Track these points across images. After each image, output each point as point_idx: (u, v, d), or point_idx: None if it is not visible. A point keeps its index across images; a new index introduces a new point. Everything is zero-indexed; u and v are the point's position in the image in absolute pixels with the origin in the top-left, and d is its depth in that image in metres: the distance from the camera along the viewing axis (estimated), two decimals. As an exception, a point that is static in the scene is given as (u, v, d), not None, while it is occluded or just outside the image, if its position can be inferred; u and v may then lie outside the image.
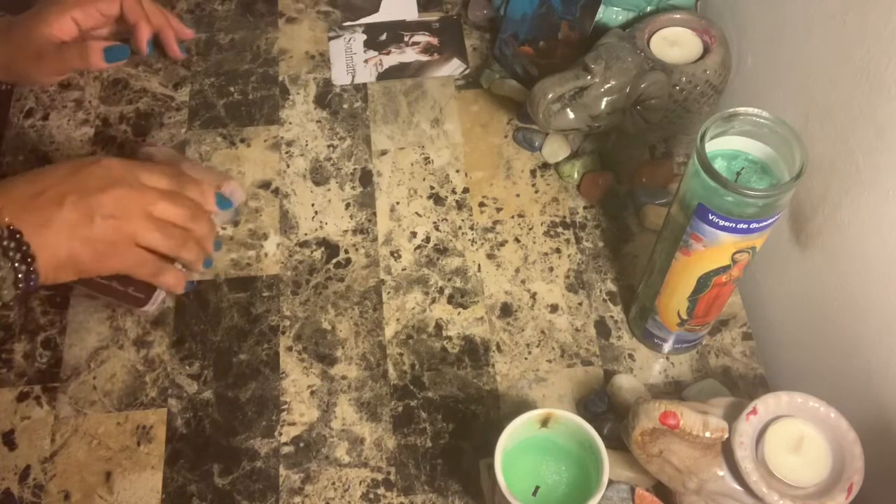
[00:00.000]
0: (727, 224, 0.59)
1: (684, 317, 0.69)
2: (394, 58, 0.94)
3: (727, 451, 0.60)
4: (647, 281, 0.71)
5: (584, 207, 0.84)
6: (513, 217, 0.83)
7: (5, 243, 0.59)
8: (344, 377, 0.75)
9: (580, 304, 0.79)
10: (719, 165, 0.59)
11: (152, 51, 0.90)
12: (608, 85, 0.76)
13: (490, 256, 0.81)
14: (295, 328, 0.77)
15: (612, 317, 0.78)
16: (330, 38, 0.96)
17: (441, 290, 0.79)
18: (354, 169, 0.86)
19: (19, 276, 0.60)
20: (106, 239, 0.64)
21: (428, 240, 0.82)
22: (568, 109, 0.77)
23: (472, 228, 0.83)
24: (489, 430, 0.71)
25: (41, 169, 0.65)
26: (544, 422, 0.63)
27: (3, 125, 0.88)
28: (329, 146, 0.88)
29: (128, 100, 0.90)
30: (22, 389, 0.73)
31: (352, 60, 0.94)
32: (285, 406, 0.73)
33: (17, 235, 0.60)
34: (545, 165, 0.87)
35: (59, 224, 0.62)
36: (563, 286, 0.80)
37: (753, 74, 0.81)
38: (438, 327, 0.77)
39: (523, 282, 0.80)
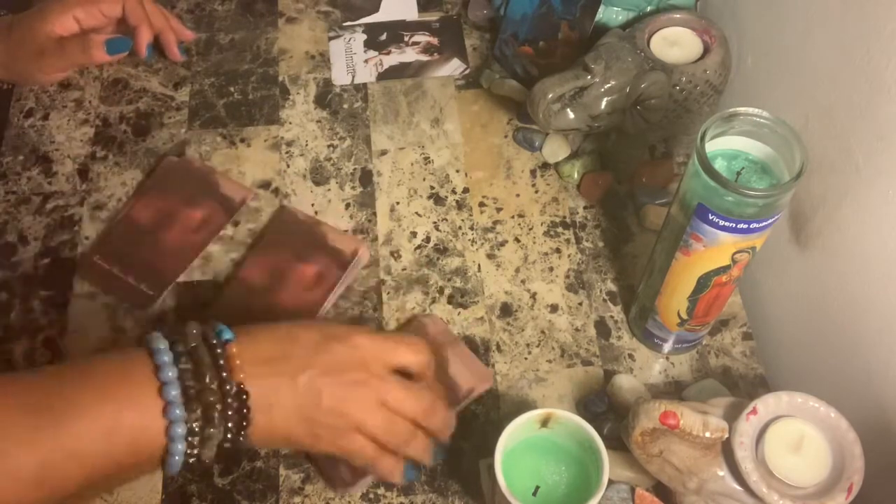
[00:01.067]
0: (727, 224, 0.59)
1: (684, 317, 0.69)
2: (394, 58, 0.94)
3: (727, 451, 0.60)
4: (647, 281, 0.71)
5: (584, 207, 0.84)
6: (513, 217, 0.83)
7: (229, 401, 0.54)
8: (344, 377, 0.74)
9: (580, 304, 0.79)
10: (719, 165, 0.59)
11: (151, 54, 0.90)
12: (608, 85, 0.76)
13: (490, 256, 0.81)
14: (295, 328, 0.77)
15: (612, 317, 0.78)
16: (330, 38, 0.96)
17: (441, 290, 0.79)
18: (354, 169, 0.86)
19: (228, 436, 0.55)
20: (328, 424, 0.58)
21: (428, 240, 0.82)
22: (568, 109, 0.77)
23: (472, 228, 0.83)
24: (489, 430, 0.71)
25: (292, 327, 0.60)
26: (544, 422, 0.63)
27: (3, 125, 0.88)
28: (329, 146, 0.88)
29: (128, 100, 0.90)
30: (22, 389, 0.73)
31: (352, 60, 0.94)
32: (285, 406, 0.73)
33: (244, 397, 0.55)
34: (545, 165, 0.87)
35: (287, 398, 0.57)
36: (563, 286, 0.80)
37: (753, 74, 0.81)
38: (438, 327, 0.77)
39: (523, 282, 0.80)
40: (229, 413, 0.54)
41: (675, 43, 0.79)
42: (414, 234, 0.82)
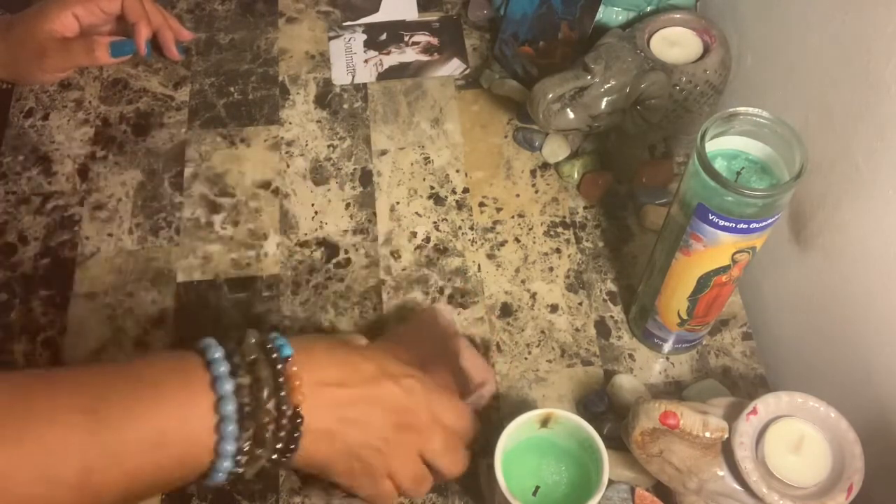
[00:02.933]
0: (727, 224, 0.59)
1: (684, 317, 0.69)
2: (394, 58, 0.94)
3: (727, 451, 0.60)
4: (647, 281, 0.71)
5: (584, 207, 0.84)
6: (513, 217, 0.83)
7: (284, 422, 0.53)
8: (344, 377, 0.74)
9: (580, 304, 0.79)
10: (719, 165, 0.59)
11: (150, 52, 0.90)
12: (608, 85, 0.76)
13: (490, 256, 0.81)
14: (295, 328, 0.77)
15: (612, 317, 0.78)
16: (330, 38, 0.96)
17: (441, 290, 0.79)
18: (354, 169, 0.86)
19: (273, 457, 0.54)
20: (366, 462, 0.58)
21: (428, 240, 0.82)
22: (568, 109, 0.77)
23: (472, 228, 0.83)
24: (489, 430, 0.71)
25: (350, 353, 0.59)
26: (544, 422, 0.63)
27: (3, 125, 0.88)
28: (329, 146, 0.88)
29: (128, 100, 0.90)
30: (22, 389, 0.73)
31: (352, 60, 0.94)
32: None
33: (298, 421, 0.53)
34: (545, 165, 0.87)
35: (337, 428, 0.56)
36: (563, 286, 0.80)
37: (753, 74, 0.81)
38: (438, 327, 0.77)
39: (523, 282, 0.80)
40: (281, 434, 0.53)
41: (675, 43, 0.79)
42: (414, 234, 0.82)
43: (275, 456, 0.53)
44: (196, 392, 0.51)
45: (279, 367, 0.53)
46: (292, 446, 0.54)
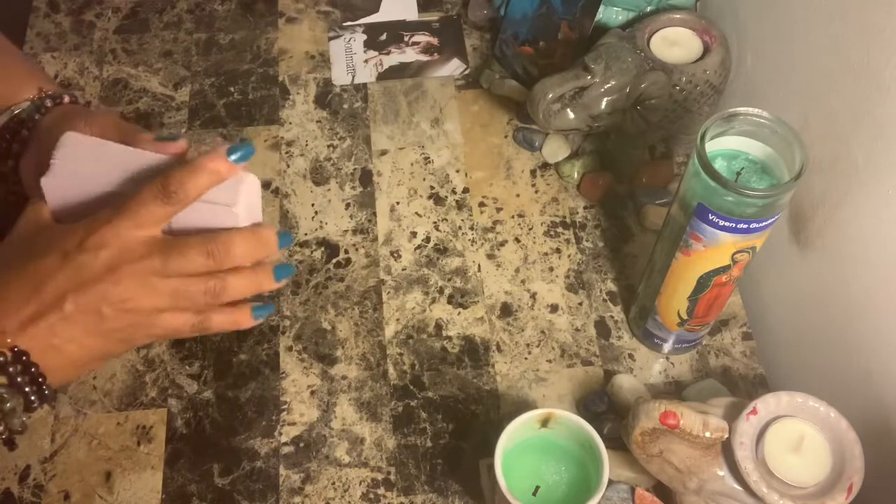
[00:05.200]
0: (727, 224, 0.59)
1: (684, 317, 0.69)
2: (394, 58, 0.94)
3: (727, 451, 0.60)
4: (647, 281, 0.71)
5: (584, 207, 0.84)
6: (513, 217, 0.83)
7: (11, 370, 0.51)
8: (344, 377, 0.74)
9: (580, 304, 0.79)
10: (719, 165, 0.59)
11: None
12: (608, 85, 0.76)
13: (490, 256, 0.81)
14: (295, 328, 0.77)
15: (612, 317, 0.78)
16: (330, 38, 0.96)
17: (441, 290, 0.79)
18: (354, 169, 0.86)
19: (31, 399, 0.52)
20: (123, 327, 0.54)
21: (428, 240, 0.82)
22: (568, 109, 0.77)
23: (472, 228, 0.83)
24: (489, 430, 0.71)
25: (23, 260, 0.54)
26: (544, 422, 0.63)
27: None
28: (329, 146, 0.88)
29: (128, 100, 0.90)
30: (22, 389, 0.73)
31: (352, 60, 0.94)
32: (285, 406, 0.73)
33: (24, 357, 0.52)
34: (545, 165, 0.87)
35: (66, 330, 0.53)
36: (563, 286, 0.80)
37: (753, 74, 0.81)
38: (438, 327, 0.77)
39: (523, 282, 0.80)
40: (19, 380, 0.52)
41: (675, 43, 0.79)
42: (414, 234, 0.82)
43: (32, 396, 0.53)
44: None
45: None
46: (39, 379, 0.53)
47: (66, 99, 0.64)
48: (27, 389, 0.52)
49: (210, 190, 0.54)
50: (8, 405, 0.52)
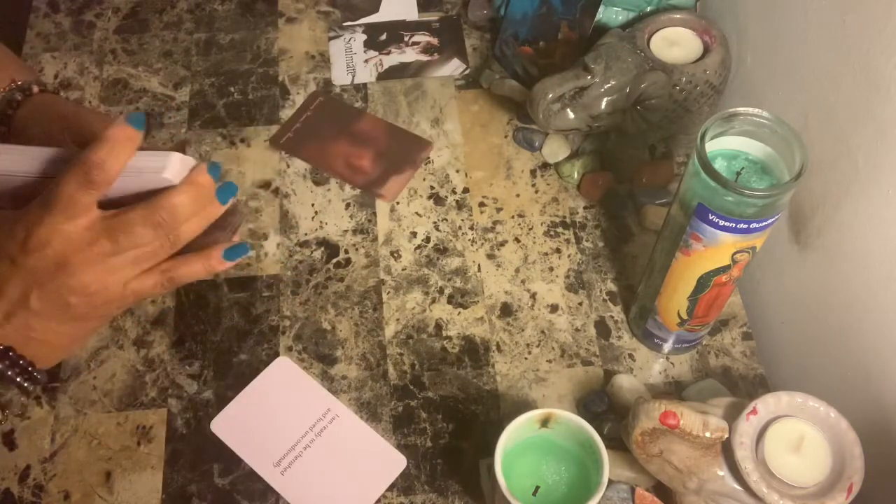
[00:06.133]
0: (727, 224, 0.59)
1: (684, 317, 0.69)
2: (394, 58, 0.94)
3: (727, 451, 0.60)
4: (647, 281, 0.71)
5: (584, 207, 0.84)
6: (513, 217, 0.83)
7: (0, 366, 0.53)
8: (344, 377, 0.74)
9: (580, 304, 0.79)
10: (719, 165, 0.59)
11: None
12: (608, 85, 0.76)
13: (490, 256, 0.81)
14: (295, 328, 0.77)
15: (612, 317, 0.78)
16: (330, 38, 0.96)
17: (441, 290, 0.79)
18: (354, 169, 0.86)
19: (26, 384, 0.54)
20: (94, 305, 0.54)
21: (428, 240, 0.82)
22: (568, 109, 0.77)
23: (472, 228, 0.83)
24: (489, 430, 0.71)
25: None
26: (544, 422, 0.63)
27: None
28: (329, 146, 0.88)
29: (128, 100, 0.90)
30: (22, 389, 0.73)
31: (352, 60, 0.94)
32: (285, 406, 0.73)
33: (10, 353, 0.54)
34: (545, 165, 0.87)
35: (40, 324, 0.54)
36: (563, 286, 0.80)
37: (753, 74, 0.81)
38: (438, 327, 0.77)
39: (523, 282, 0.80)
40: (10, 373, 0.53)
41: (675, 43, 0.79)
42: (414, 234, 0.82)
43: (26, 383, 0.54)
44: None
45: None
46: (29, 367, 0.54)
47: (36, 89, 0.64)
48: (18, 380, 0.54)
49: (135, 158, 0.53)
50: (3, 398, 0.54)
